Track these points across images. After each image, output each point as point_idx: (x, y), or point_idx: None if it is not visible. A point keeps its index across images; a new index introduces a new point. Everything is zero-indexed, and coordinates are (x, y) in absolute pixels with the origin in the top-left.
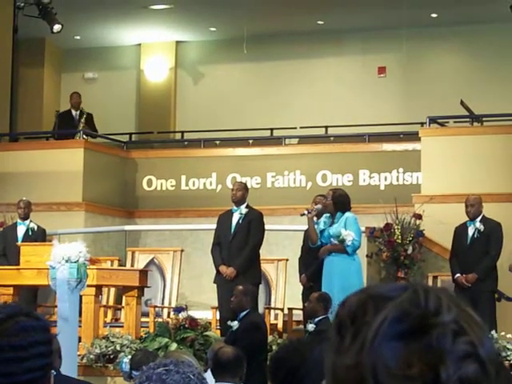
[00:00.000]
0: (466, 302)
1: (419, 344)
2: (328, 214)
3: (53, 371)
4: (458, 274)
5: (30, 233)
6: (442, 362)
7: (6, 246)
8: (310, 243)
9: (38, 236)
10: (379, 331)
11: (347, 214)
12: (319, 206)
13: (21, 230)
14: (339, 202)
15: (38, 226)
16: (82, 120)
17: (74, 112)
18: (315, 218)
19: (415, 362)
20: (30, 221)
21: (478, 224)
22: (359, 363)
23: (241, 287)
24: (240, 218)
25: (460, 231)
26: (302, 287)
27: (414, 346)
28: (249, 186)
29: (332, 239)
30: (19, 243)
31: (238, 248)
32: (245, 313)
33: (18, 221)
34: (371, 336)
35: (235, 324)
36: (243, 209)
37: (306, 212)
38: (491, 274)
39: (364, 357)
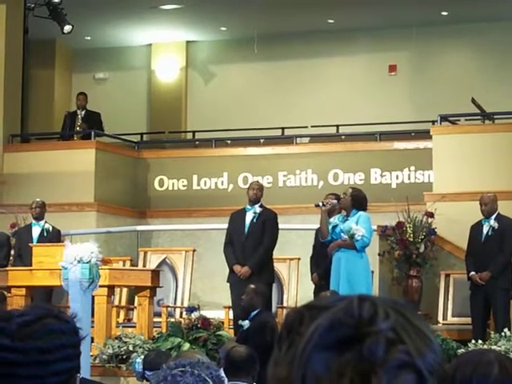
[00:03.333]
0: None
1: (351, 353)
2: (344, 214)
3: (79, 374)
4: (473, 272)
5: (46, 234)
6: (374, 372)
7: (21, 247)
8: (321, 237)
9: (54, 237)
10: (310, 341)
11: (361, 212)
12: (335, 201)
13: (36, 231)
14: (357, 200)
15: (53, 227)
16: (79, 121)
17: (79, 112)
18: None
19: (347, 372)
20: (45, 222)
21: (492, 222)
22: (291, 374)
23: (253, 286)
24: (254, 217)
25: (475, 229)
26: (313, 286)
27: (346, 355)
28: None
29: (342, 234)
30: (32, 244)
31: (252, 247)
32: (256, 312)
33: (33, 221)
34: (302, 346)
35: (246, 323)
36: (257, 208)
37: (320, 204)
38: (505, 271)
39: (295, 367)
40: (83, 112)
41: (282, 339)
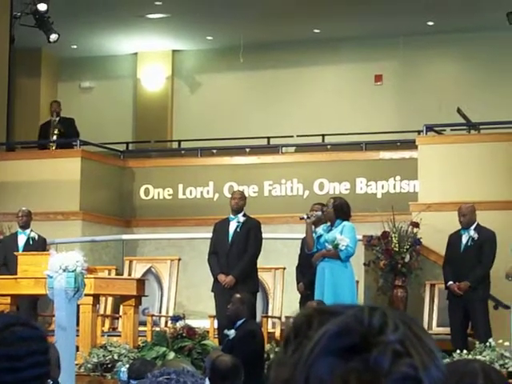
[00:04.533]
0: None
1: (357, 362)
2: (328, 224)
3: (49, 381)
4: (451, 282)
5: (31, 242)
6: (379, 383)
7: (6, 256)
8: (307, 249)
9: (39, 245)
10: (317, 345)
11: (345, 222)
12: (319, 213)
13: (21, 240)
14: (340, 210)
15: (39, 236)
16: (56, 130)
17: (53, 120)
18: (313, 227)
19: (351, 380)
20: (31, 230)
21: (472, 232)
22: (294, 376)
23: (238, 295)
24: (238, 226)
25: (454, 239)
26: (299, 295)
27: (352, 363)
28: (246, 195)
29: (327, 244)
30: (17, 253)
31: (237, 256)
32: (241, 321)
33: (19, 230)
34: (309, 349)
35: (232, 333)
36: (241, 217)
37: (305, 216)
38: (484, 282)
39: (299, 370)
40: (57, 119)
41: (288, 341)
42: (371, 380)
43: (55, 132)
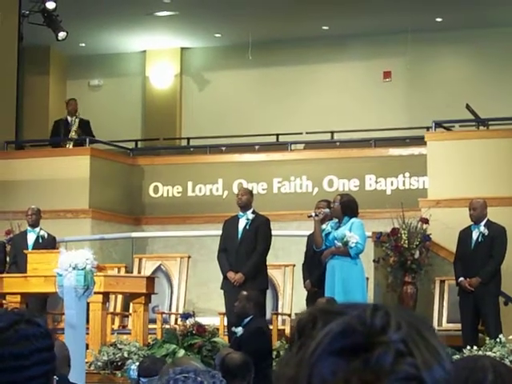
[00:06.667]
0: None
1: (359, 361)
2: (335, 220)
3: (55, 377)
4: (462, 278)
5: (41, 240)
6: (380, 382)
7: (16, 254)
8: (315, 247)
9: (49, 243)
10: (320, 345)
11: (354, 219)
12: (327, 210)
13: (31, 238)
14: (347, 207)
15: (49, 234)
16: (75, 128)
17: (70, 119)
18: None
19: (353, 380)
20: (41, 228)
21: (482, 228)
22: (297, 375)
23: (245, 293)
24: (247, 223)
25: (464, 235)
26: (306, 293)
27: (354, 363)
28: (255, 192)
29: (336, 241)
30: (27, 251)
31: (246, 254)
32: (249, 319)
33: (28, 228)
34: (312, 349)
35: (239, 330)
36: (250, 214)
37: (313, 214)
38: (495, 278)
39: (302, 369)
40: (77, 120)
41: (293, 340)
42: (373, 380)
43: (73, 134)
